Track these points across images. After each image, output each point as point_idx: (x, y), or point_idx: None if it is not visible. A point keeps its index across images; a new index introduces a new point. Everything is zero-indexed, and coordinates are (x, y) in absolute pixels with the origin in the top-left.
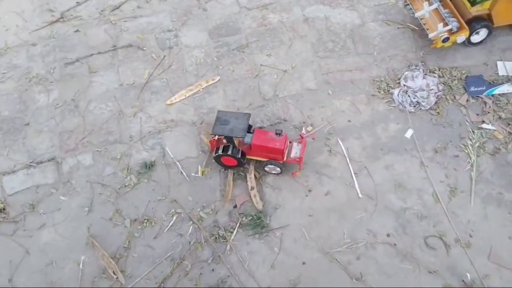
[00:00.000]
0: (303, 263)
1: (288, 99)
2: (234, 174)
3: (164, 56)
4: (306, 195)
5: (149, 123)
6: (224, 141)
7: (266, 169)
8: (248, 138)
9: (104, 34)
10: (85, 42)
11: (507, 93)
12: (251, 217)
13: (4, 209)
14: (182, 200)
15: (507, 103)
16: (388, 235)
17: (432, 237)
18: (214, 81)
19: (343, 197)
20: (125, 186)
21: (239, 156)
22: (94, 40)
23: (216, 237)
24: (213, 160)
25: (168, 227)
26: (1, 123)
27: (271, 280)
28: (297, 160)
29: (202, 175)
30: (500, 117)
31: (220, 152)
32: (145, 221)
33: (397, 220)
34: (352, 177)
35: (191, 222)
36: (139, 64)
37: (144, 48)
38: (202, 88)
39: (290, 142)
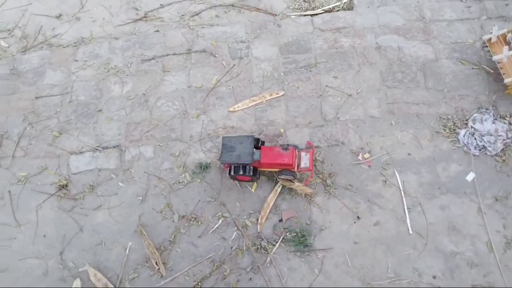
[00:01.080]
0: None
1: (349, 123)
2: (282, 187)
3: (234, 65)
4: (355, 222)
5: (210, 126)
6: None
7: (281, 177)
8: (256, 156)
9: (181, 37)
10: (163, 42)
11: None
12: (295, 234)
13: (66, 185)
14: (230, 205)
15: None
16: (434, 277)
17: (480, 287)
18: (277, 95)
19: (392, 230)
20: (179, 182)
21: (251, 173)
22: (171, 41)
23: (258, 247)
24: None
25: (213, 229)
26: (77, 106)
27: None
28: (309, 169)
29: (254, 190)
30: None
31: (232, 173)
32: (193, 219)
33: (445, 264)
34: (404, 211)
35: (236, 228)
36: (209, 69)
37: (216, 55)
38: (266, 100)
39: (298, 152)
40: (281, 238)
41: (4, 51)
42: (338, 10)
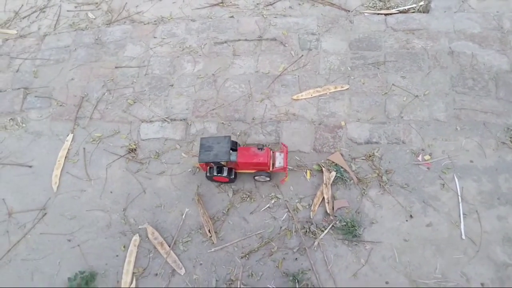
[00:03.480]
0: (386, 282)
1: (412, 123)
2: (335, 179)
3: (302, 55)
4: (407, 220)
5: (272, 111)
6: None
7: (256, 178)
8: (233, 157)
9: (254, 24)
10: (236, 28)
11: None
12: (345, 223)
13: (135, 149)
14: (283, 187)
15: None
16: (482, 284)
17: None
18: (342, 89)
19: (444, 233)
20: None
21: (227, 174)
22: (244, 27)
23: (306, 231)
24: (206, 179)
25: (265, 207)
26: (151, 79)
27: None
28: (283, 168)
29: (309, 177)
30: None
31: (209, 174)
32: (247, 196)
33: (496, 273)
34: (460, 216)
35: (287, 210)
36: (277, 57)
37: (286, 45)
38: (330, 92)
39: (272, 152)
40: (330, 225)
41: (90, 22)
42: (413, 12)
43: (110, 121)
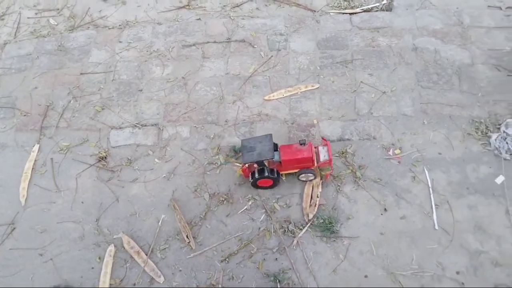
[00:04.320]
0: (365, 276)
1: (381, 119)
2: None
3: (272, 56)
4: (381, 214)
5: (245, 112)
6: (255, 165)
7: (301, 178)
8: (276, 156)
9: (222, 26)
10: (204, 30)
11: None
12: (322, 220)
13: (105, 157)
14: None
15: None
16: (457, 273)
17: (503, 286)
18: (313, 88)
19: (418, 224)
20: (212, 163)
21: (273, 175)
22: (212, 30)
23: (285, 230)
24: (251, 186)
25: (243, 210)
26: (119, 85)
27: (330, 284)
28: (327, 162)
29: (284, 177)
30: None
31: (256, 176)
32: (223, 199)
33: (470, 261)
34: (432, 207)
35: (264, 210)
36: (247, 58)
37: (255, 46)
38: (301, 92)
39: (315, 148)
40: (308, 224)
41: (52, 29)
42: (376, 11)
43: (78, 129)
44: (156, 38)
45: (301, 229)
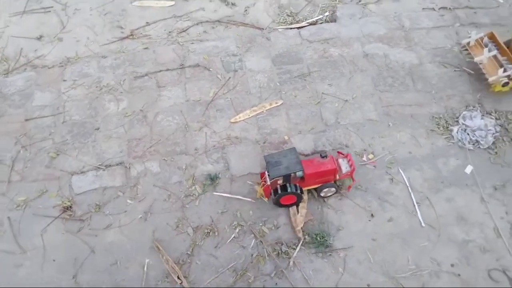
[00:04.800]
0: (368, 285)
1: (349, 126)
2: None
3: (229, 77)
4: (369, 220)
5: (213, 138)
6: (279, 182)
7: (322, 194)
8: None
9: (172, 53)
10: (154, 59)
11: None
12: (314, 236)
13: (71, 207)
14: (244, 214)
15: None
16: (452, 265)
17: (495, 271)
18: (277, 104)
19: (405, 224)
20: (190, 195)
21: (298, 190)
22: (162, 57)
23: (278, 252)
24: (274, 204)
25: (231, 238)
26: (72, 126)
27: None
28: (349, 174)
29: (267, 198)
30: None
31: (279, 192)
32: (208, 231)
33: (460, 252)
34: (414, 206)
35: (253, 235)
36: (205, 83)
37: (210, 69)
38: (266, 110)
39: (336, 160)
40: (301, 242)
41: None
42: (321, 23)
43: (33, 180)
44: (103, 73)
45: (294, 249)
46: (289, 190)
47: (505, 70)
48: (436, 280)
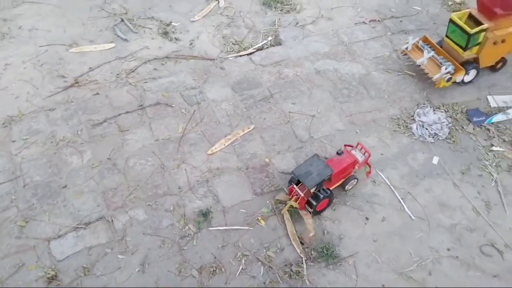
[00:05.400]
0: (382, 285)
1: (322, 139)
2: (290, 212)
3: (194, 110)
4: (365, 223)
5: (194, 173)
6: (312, 190)
7: (348, 187)
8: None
9: (127, 95)
10: (109, 103)
11: (503, 121)
12: (320, 250)
13: (56, 276)
14: (245, 243)
15: (505, 128)
16: (448, 249)
17: (485, 246)
18: (249, 129)
19: (398, 221)
20: (185, 236)
21: (326, 194)
22: (117, 101)
23: (290, 274)
24: (314, 215)
25: (239, 271)
26: (35, 189)
27: None
28: (366, 161)
29: (263, 223)
30: (504, 140)
31: (314, 203)
32: (214, 268)
33: (452, 235)
34: (400, 202)
35: (260, 263)
36: (170, 119)
37: (173, 105)
38: (240, 136)
39: (351, 153)
40: (307, 258)
41: None
42: (268, 47)
43: (5, 256)
44: (55, 126)
45: (304, 267)
46: (323, 195)
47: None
48: (439, 266)
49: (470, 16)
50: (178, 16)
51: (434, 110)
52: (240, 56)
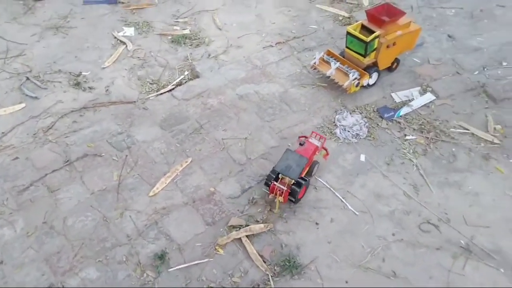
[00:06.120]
0: (346, 282)
1: (259, 158)
2: (248, 237)
3: (126, 155)
4: (317, 228)
5: (141, 218)
6: (291, 183)
7: (314, 172)
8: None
9: (49, 153)
10: (31, 165)
11: (408, 113)
12: (282, 264)
13: None
14: (209, 275)
15: (412, 118)
16: (393, 234)
17: (423, 224)
18: (187, 163)
19: (344, 219)
20: (145, 284)
21: (305, 181)
22: (41, 161)
23: None
24: (295, 203)
25: None
26: None
27: None
28: (322, 145)
29: (222, 251)
30: (414, 129)
31: (297, 189)
32: None
33: (392, 221)
34: (343, 201)
35: None
36: (103, 169)
37: (102, 154)
38: (179, 172)
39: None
40: (271, 275)
41: None
42: (186, 81)
43: None
44: None
45: (271, 283)
46: (304, 182)
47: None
48: (389, 251)
49: (363, 27)
50: (86, 65)
51: (351, 114)
52: (161, 94)
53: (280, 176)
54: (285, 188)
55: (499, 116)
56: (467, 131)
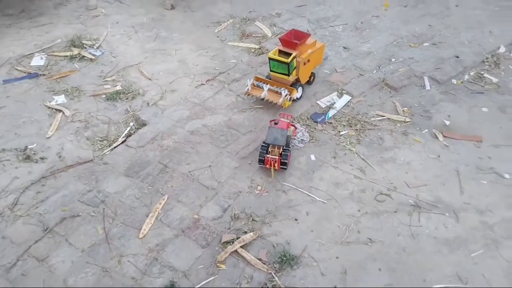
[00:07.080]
0: (337, 257)
1: (228, 179)
2: (242, 247)
3: (104, 208)
4: (298, 223)
5: (139, 259)
6: (281, 152)
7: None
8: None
9: (25, 226)
10: (10, 243)
11: (335, 113)
12: (279, 260)
13: None
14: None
15: (340, 117)
16: (359, 210)
17: (378, 196)
18: (165, 201)
19: (317, 209)
20: None
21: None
22: (18, 236)
23: None
24: (285, 169)
25: None
26: None
27: (332, 281)
28: (291, 123)
29: (224, 266)
30: (344, 125)
31: (285, 157)
32: None
33: (354, 201)
34: (310, 196)
35: None
36: (85, 227)
37: (80, 214)
38: (160, 210)
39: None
40: (273, 272)
41: None
42: (135, 132)
43: None
44: None
45: (276, 279)
46: (289, 150)
47: (281, 94)
48: (361, 224)
49: (280, 51)
50: (30, 139)
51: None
52: (115, 147)
53: (269, 150)
54: (276, 157)
55: (402, 100)
56: (383, 117)
